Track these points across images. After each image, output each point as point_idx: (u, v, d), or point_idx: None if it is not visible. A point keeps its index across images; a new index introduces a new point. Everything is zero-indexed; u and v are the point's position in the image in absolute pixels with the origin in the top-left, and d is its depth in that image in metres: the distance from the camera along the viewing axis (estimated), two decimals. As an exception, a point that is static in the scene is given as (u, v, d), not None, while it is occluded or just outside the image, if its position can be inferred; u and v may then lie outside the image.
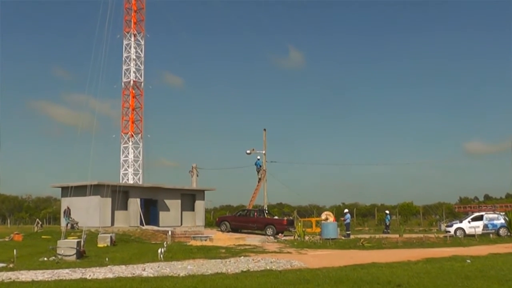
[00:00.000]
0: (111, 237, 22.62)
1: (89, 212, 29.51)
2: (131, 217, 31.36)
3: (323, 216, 35.31)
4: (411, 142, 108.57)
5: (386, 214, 36.97)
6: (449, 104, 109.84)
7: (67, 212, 28.79)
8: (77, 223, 28.40)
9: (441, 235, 29.03)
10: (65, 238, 19.67)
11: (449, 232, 29.81)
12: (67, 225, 28.39)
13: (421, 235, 28.75)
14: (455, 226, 30.19)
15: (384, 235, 30.80)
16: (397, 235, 29.88)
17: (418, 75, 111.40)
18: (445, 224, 34.96)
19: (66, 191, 29.96)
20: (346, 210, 33.88)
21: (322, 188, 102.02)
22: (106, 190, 29.24)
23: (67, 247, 16.05)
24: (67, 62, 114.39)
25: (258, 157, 39.50)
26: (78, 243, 16.40)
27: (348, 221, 32.05)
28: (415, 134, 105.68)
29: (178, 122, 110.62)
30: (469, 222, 30.20)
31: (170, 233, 26.52)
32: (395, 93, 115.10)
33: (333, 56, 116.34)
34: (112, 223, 30.36)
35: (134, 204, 31.66)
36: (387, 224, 36.09)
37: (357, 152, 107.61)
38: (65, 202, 31.23)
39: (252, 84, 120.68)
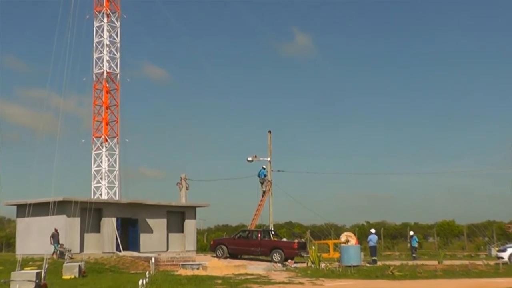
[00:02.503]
0: (79, 266, 22.50)
1: (53, 236, 29.20)
2: (105, 241, 31.45)
3: (343, 238, 35.30)
4: (450, 146, 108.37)
5: (412, 236, 36.84)
6: (500, 101, 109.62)
7: (56, 237, 28.71)
8: (69, 251, 28.26)
9: (492, 262, 28.76)
10: (21, 268, 19.53)
11: (502, 258, 29.46)
12: (54, 253, 28.22)
13: (466, 262, 28.50)
14: (510, 250, 29.87)
15: (418, 262, 30.54)
16: (435, 262, 29.75)
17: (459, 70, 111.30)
18: (497, 248, 34.63)
19: (23, 209, 29.96)
20: (371, 230, 33.71)
21: (342, 203, 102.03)
22: (73, 208, 29.22)
23: (23, 280, 15.89)
24: (23, 52, 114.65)
25: (264, 166, 39.37)
26: (38, 275, 16.25)
27: (373, 244, 32.02)
28: (456, 136, 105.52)
29: (163, 123, 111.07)
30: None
31: (153, 260, 26.32)
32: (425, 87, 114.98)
33: (350, 39, 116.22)
34: (81, 249, 30.31)
35: (109, 224, 31.77)
36: (415, 247, 35.94)
37: (383, 158, 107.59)
38: (22, 224, 31.22)
39: (253, 76, 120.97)
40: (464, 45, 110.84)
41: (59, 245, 28.64)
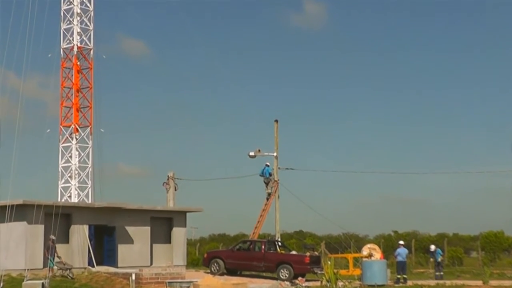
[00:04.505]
0: (42, 284, 22.34)
1: (10, 247, 29.30)
2: (74, 253, 31.31)
3: (365, 251, 35.19)
4: (495, 138, 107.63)
5: (434, 250, 36.64)
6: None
7: (52, 249, 28.71)
8: (69, 269, 28.25)
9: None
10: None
11: None
12: (51, 269, 28.04)
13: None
14: None
15: (447, 282, 30.53)
16: (480, 282, 29.68)
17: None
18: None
19: (-26, 215, 30.18)
20: (400, 242, 33.72)
21: (364, 209, 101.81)
22: (36, 213, 28.76)
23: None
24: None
25: (267, 163, 39.22)
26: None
27: (402, 258, 32.06)
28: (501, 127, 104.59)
29: (147, 110, 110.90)
30: None
31: (134, 277, 26.37)
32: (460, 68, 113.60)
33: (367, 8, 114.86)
34: (45, 264, 29.84)
35: (80, 233, 31.66)
36: (439, 261, 35.85)
37: (415, 154, 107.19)
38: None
39: (254, 52, 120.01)
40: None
41: (57, 259, 28.51)
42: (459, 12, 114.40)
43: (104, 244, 33.47)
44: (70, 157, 39.08)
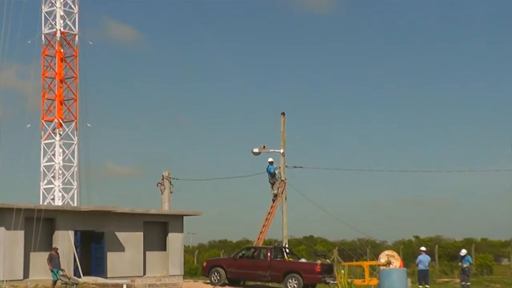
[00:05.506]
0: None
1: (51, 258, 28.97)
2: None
3: (383, 259, 35.21)
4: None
5: (462, 256, 36.31)
6: None
7: (55, 259, 28.65)
8: (76, 284, 28.17)
9: None
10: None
11: None
12: (54, 283, 28.13)
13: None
14: None
15: None
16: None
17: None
18: None
19: None
20: (422, 249, 33.58)
21: (381, 212, 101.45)
22: (15, 218, 28.98)
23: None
24: None
25: (270, 160, 38.83)
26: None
27: (424, 267, 31.98)
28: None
29: (139, 103, 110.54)
30: None
31: (125, 288, 26.33)
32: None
33: None
34: (26, 274, 30.16)
35: (64, 240, 31.59)
36: (465, 269, 35.45)
37: (437, 150, 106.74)
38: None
39: (259, 41, 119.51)
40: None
41: (61, 272, 28.49)
42: None
43: (92, 252, 33.42)
44: (53, 155, 39.04)
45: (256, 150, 39.16)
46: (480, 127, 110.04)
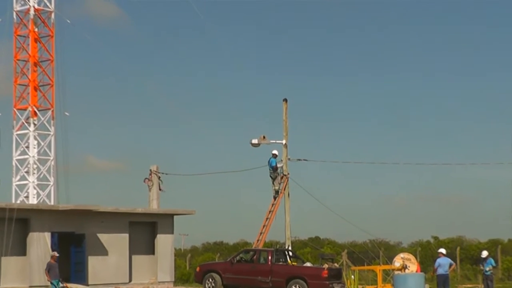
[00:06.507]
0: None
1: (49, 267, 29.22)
2: (33, 268, 31.45)
3: (398, 263, 34.86)
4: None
5: (485, 258, 36.28)
6: None
7: (54, 268, 28.86)
8: None
9: None
10: None
11: None
12: None
13: None
14: None
15: None
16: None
17: None
18: None
19: None
20: (441, 251, 33.36)
21: (396, 210, 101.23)
22: (-17, 218, 29.24)
23: None
24: None
25: (274, 153, 38.86)
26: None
27: (444, 271, 31.92)
28: None
29: (123, 89, 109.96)
30: None
31: (108, 297, 26.37)
32: None
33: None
34: (-4, 282, 30.48)
35: (40, 243, 31.69)
36: (487, 272, 35.45)
37: (458, 141, 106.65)
38: None
39: (258, 20, 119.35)
40: None
41: (61, 284, 28.81)
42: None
43: (71, 257, 33.39)
44: (27, 147, 39.24)
45: (255, 141, 39.12)
46: (507, 115, 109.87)
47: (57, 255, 29.21)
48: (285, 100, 40.13)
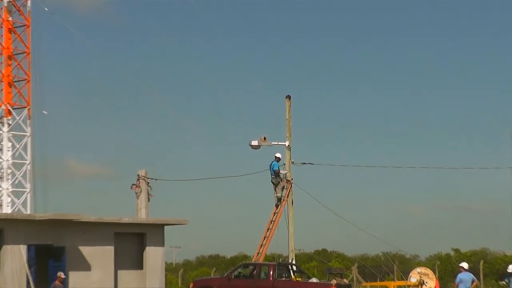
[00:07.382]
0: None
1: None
2: (8, 284, 31.60)
3: (414, 278, 35.74)
4: None
5: (510, 272, 36.19)
6: None
7: None
8: None
9: None
10: None
11: None
12: None
13: None
14: None
15: None
16: None
17: None
18: None
19: None
20: (463, 265, 33.39)
21: (412, 219, 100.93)
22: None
23: None
24: None
25: (277, 155, 38.76)
26: None
27: (465, 287, 31.97)
28: None
29: (107, 85, 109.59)
30: None
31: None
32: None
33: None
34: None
35: (15, 257, 31.80)
36: None
37: (481, 142, 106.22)
38: None
39: (259, 12, 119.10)
40: None
41: None
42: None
43: (49, 272, 32.99)
44: (1, 150, 39.22)
45: (254, 142, 39.34)
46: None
47: (63, 276, 29.78)
48: (288, 97, 40.30)
